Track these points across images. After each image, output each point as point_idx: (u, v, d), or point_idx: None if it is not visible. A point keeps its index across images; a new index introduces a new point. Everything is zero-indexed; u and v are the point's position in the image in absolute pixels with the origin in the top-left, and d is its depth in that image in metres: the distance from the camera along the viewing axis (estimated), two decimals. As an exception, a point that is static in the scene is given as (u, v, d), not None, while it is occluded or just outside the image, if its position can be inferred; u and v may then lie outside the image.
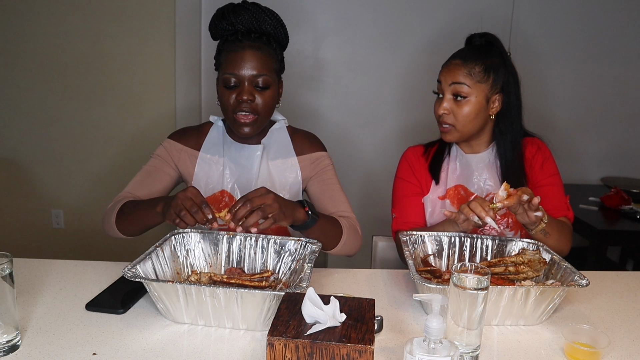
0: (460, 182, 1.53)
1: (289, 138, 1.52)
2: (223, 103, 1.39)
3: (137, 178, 1.46)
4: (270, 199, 1.16)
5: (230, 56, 1.37)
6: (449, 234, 1.35)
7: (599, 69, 3.07)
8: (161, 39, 2.89)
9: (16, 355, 0.95)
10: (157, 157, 1.49)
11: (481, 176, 1.52)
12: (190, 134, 1.52)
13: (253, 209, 1.14)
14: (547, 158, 1.55)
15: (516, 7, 2.94)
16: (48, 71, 2.93)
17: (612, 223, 2.46)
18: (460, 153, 1.56)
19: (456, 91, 1.43)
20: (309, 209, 1.25)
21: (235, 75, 1.36)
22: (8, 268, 0.94)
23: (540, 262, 1.21)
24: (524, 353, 1.02)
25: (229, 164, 1.46)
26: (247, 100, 1.35)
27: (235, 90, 1.37)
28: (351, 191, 2.47)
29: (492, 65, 1.44)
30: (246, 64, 1.35)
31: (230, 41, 1.38)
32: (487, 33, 1.51)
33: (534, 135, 1.58)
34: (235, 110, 1.37)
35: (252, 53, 1.36)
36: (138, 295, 1.17)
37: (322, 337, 0.82)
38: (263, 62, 1.37)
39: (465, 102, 1.44)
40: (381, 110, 3.07)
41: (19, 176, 3.07)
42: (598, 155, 3.17)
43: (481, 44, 1.49)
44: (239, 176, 1.46)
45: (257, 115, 1.38)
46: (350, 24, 2.95)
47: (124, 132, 3.01)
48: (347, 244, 1.37)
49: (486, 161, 1.53)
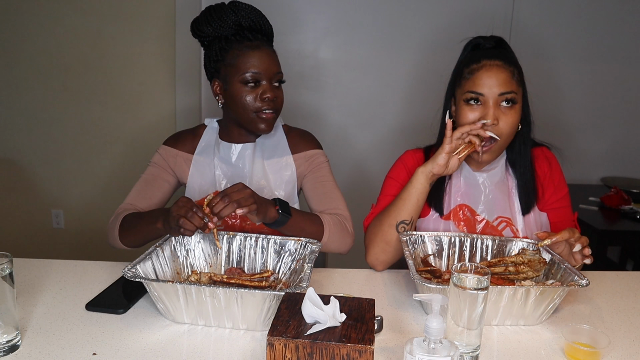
0: (464, 201, 1.41)
1: (285, 137, 1.51)
2: (243, 103, 1.36)
3: (137, 188, 1.45)
4: (246, 194, 1.17)
5: (247, 55, 1.35)
6: (449, 234, 1.35)
7: (599, 69, 3.07)
8: (161, 39, 2.89)
9: (16, 355, 0.95)
10: (154, 165, 1.48)
11: (490, 198, 1.40)
12: (185, 138, 1.51)
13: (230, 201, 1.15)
14: (560, 178, 1.46)
15: (516, 7, 2.94)
16: (48, 71, 2.93)
17: (612, 223, 2.46)
18: (467, 170, 1.42)
19: (506, 96, 1.29)
20: (279, 207, 1.25)
21: (257, 74, 1.35)
22: (8, 268, 0.94)
23: (540, 262, 1.21)
24: (524, 353, 1.02)
25: (220, 165, 1.45)
26: (273, 97, 1.36)
27: (257, 89, 1.36)
28: (350, 191, 2.47)
29: (520, 69, 1.34)
30: (265, 62, 1.36)
31: (236, 41, 1.36)
32: (495, 36, 1.40)
33: (542, 143, 1.49)
34: (259, 109, 1.36)
35: (267, 51, 1.37)
36: (138, 296, 1.17)
37: (322, 337, 0.82)
38: (276, 59, 1.39)
39: (513, 108, 1.30)
40: (381, 111, 3.07)
41: (19, 176, 3.07)
42: (598, 155, 3.17)
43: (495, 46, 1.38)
44: (231, 176, 1.45)
45: (275, 113, 1.39)
46: (350, 24, 2.95)
47: (124, 132, 3.01)
48: (331, 241, 1.36)
49: (497, 180, 1.41)
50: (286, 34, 2.86)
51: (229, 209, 1.14)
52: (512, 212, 1.41)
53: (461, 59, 1.42)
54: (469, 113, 1.31)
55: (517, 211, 1.41)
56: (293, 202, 1.48)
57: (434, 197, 1.41)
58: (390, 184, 1.49)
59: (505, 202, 1.41)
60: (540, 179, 1.44)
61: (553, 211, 1.45)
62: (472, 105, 1.31)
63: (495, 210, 1.40)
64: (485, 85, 1.29)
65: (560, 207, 1.45)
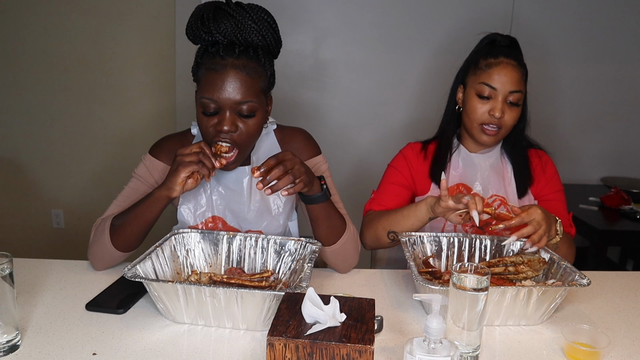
0: (462, 180, 1.51)
1: (278, 145, 1.39)
2: (201, 130, 1.23)
3: (117, 202, 1.35)
4: (298, 162, 1.14)
5: (210, 76, 1.18)
6: (448, 234, 1.34)
7: (599, 69, 3.07)
8: (161, 39, 2.89)
9: (16, 355, 0.95)
10: (138, 177, 1.36)
11: (486, 177, 1.50)
12: (171, 147, 1.36)
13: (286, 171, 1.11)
14: (554, 174, 1.55)
15: (516, 7, 2.94)
16: (48, 71, 2.93)
17: (612, 223, 2.46)
18: (465, 151, 1.53)
19: (515, 98, 1.41)
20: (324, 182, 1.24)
21: (214, 101, 1.17)
22: (8, 268, 0.94)
23: (540, 261, 1.21)
24: (524, 353, 1.02)
25: (217, 187, 1.35)
26: (229, 131, 1.19)
27: (215, 117, 1.19)
28: (350, 191, 2.47)
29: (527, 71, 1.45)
30: (228, 88, 1.16)
31: (209, 54, 1.19)
32: (510, 36, 1.49)
33: (539, 146, 1.58)
34: (213, 140, 1.21)
35: (235, 74, 1.17)
36: (138, 295, 1.17)
37: (322, 337, 0.82)
38: (248, 85, 1.18)
39: (518, 107, 1.43)
40: (381, 110, 3.07)
41: (19, 176, 3.07)
42: (598, 155, 3.17)
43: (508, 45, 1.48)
44: (229, 201, 1.35)
45: (237, 150, 1.23)
46: (350, 24, 2.95)
47: (124, 132, 3.01)
48: (346, 246, 1.32)
49: (492, 161, 1.52)
50: (286, 34, 2.83)
51: (285, 180, 1.10)
52: (507, 194, 1.50)
53: (477, 49, 1.51)
54: (478, 105, 1.44)
55: (512, 193, 1.49)
56: (292, 218, 1.43)
57: (436, 173, 1.51)
58: (391, 172, 1.58)
59: (500, 183, 1.51)
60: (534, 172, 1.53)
61: (546, 203, 1.50)
62: (483, 100, 1.43)
63: (490, 188, 1.50)
64: (499, 81, 1.41)
65: (553, 199, 1.52)
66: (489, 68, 1.42)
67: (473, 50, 1.52)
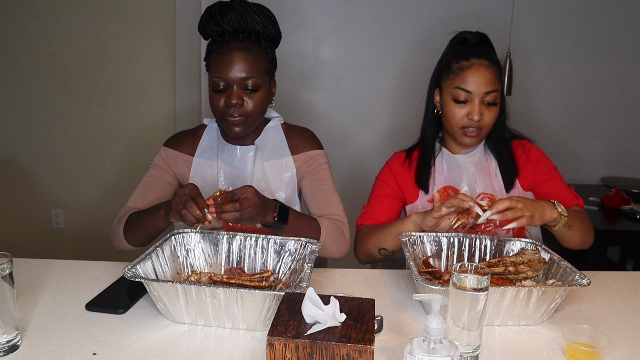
0: (448, 183, 1.51)
1: (284, 136, 1.50)
2: (213, 106, 1.38)
3: (138, 190, 1.45)
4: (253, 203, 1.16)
5: (218, 59, 1.35)
6: (448, 235, 1.35)
7: (599, 69, 3.07)
8: (161, 39, 2.89)
9: (16, 355, 0.95)
10: (155, 166, 1.48)
11: (472, 176, 1.50)
12: (185, 139, 1.51)
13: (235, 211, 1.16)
14: (540, 157, 1.53)
15: (516, 7, 2.94)
16: (48, 71, 2.93)
17: (612, 223, 2.46)
18: (448, 154, 1.53)
19: (491, 97, 1.41)
20: (277, 214, 1.26)
21: (223, 79, 1.34)
22: (8, 268, 0.95)
23: (540, 261, 1.21)
24: (525, 353, 1.02)
25: (223, 167, 1.46)
26: (236, 104, 1.34)
27: (225, 94, 1.35)
28: (349, 191, 2.47)
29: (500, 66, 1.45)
30: (234, 67, 1.33)
31: (218, 42, 1.36)
32: (480, 32, 1.49)
33: (522, 136, 1.57)
34: (225, 114, 1.36)
35: (240, 55, 1.34)
36: (138, 296, 1.17)
37: (322, 337, 0.82)
38: (251, 63, 1.35)
39: (495, 105, 1.43)
40: (380, 110, 3.07)
41: (19, 176, 3.07)
42: (598, 155, 3.17)
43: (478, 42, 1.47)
44: (233, 178, 1.45)
45: (244, 117, 1.36)
46: (350, 24, 2.96)
47: (124, 132, 3.01)
48: (327, 246, 1.37)
49: (476, 160, 1.51)
50: (286, 34, 2.83)
51: (231, 216, 1.15)
52: (494, 189, 1.49)
53: (448, 51, 1.51)
54: (456, 110, 1.44)
55: (499, 188, 1.49)
56: (293, 203, 1.48)
57: (422, 179, 1.52)
58: (379, 185, 1.58)
59: (487, 180, 1.50)
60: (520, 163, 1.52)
61: (545, 184, 1.50)
62: (460, 104, 1.43)
63: (477, 187, 1.50)
64: (473, 84, 1.41)
65: (548, 179, 1.51)
66: (461, 71, 1.42)
67: (444, 52, 1.52)
